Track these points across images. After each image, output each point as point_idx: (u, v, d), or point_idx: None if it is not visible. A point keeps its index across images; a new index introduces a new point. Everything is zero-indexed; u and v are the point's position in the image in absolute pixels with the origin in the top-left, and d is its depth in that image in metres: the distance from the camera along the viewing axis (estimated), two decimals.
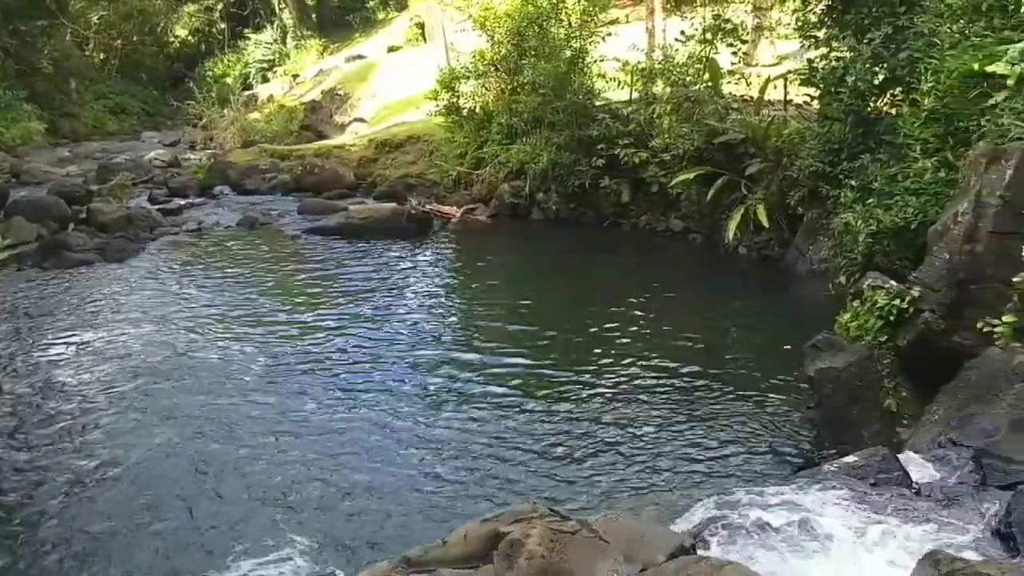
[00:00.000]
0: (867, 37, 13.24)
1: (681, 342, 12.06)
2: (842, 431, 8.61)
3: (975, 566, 2.98)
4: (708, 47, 18.76)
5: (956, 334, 8.11)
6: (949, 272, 8.22)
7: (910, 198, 10.81)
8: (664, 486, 8.07)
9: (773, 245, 16.71)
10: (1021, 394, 6.66)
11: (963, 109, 10.13)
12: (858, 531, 4.81)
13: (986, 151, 8.64)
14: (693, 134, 17.33)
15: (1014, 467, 5.68)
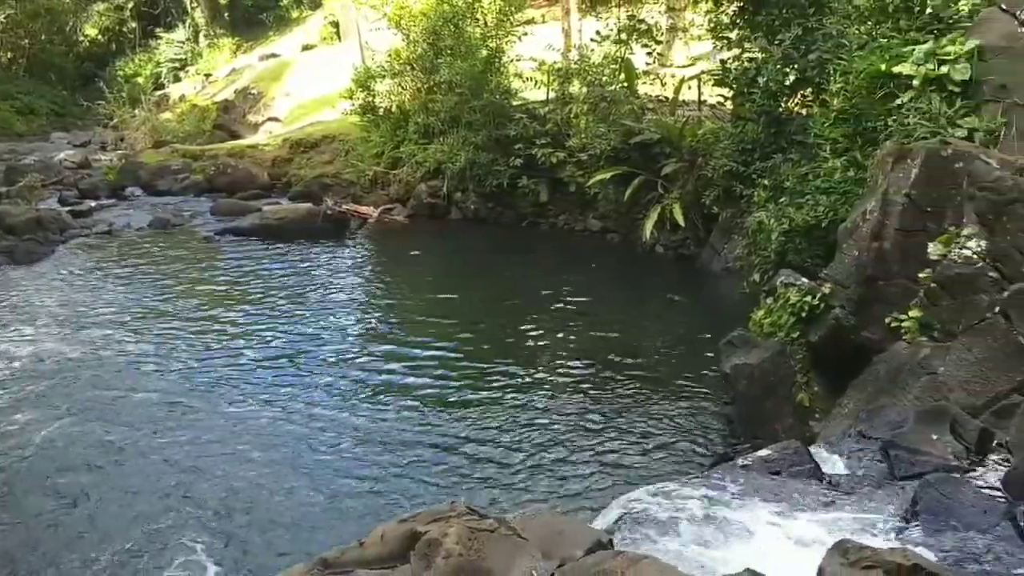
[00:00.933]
0: (778, 38, 13.50)
1: (600, 340, 12.09)
2: (757, 425, 8.73)
3: (881, 553, 3.00)
4: (623, 47, 18.92)
5: (865, 329, 8.26)
6: (858, 269, 8.38)
7: (821, 197, 11.01)
8: (583, 482, 8.07)
9: (689, 244, 16.92)
10: (926, 387, 6.82)
11: (871, 109, 10.36)
12: (770, 523, 4.86)
13: (892, 150, 8.85)
14: (610, 134, 17.43)
15: (920, 457, 5.80)
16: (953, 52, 9.86)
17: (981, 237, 7.66)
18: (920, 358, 7.14)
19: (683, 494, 5.16)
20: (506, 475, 8.25)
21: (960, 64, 9.78)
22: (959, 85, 9.76)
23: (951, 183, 8.06)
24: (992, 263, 7.50)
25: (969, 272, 7.50)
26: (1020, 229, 7.44)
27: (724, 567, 4.05)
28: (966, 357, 6.82)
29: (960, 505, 4.81)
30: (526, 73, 20.45)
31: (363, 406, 9.90)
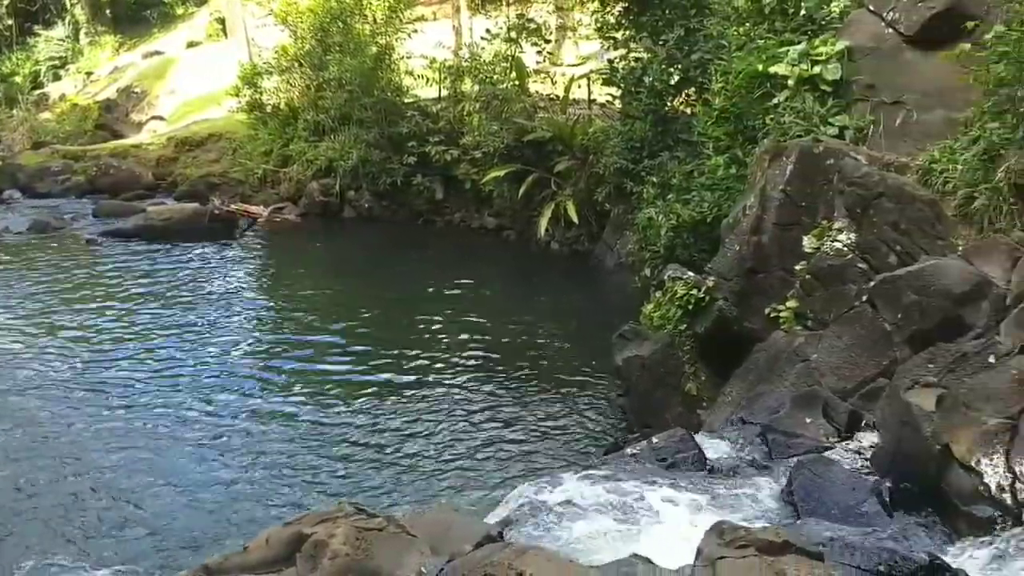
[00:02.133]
0: (662, 39, 13.86)
1: (496, 336, 12.20)
2: (648, 415, 8.98)
3: (755, 532, 3.18)
4: (513, 46, 19.08)
5: (747, 320, 8.61)
6: (739, 262, 8.72)
7: (706, 193, 11.37)
8: (478, 476, 8.17)
9: (583, 240, 17.21)
10: (801, 373, 7.19)
11: (750, 108, 10.75)
12: (656, 508, 5.06)
13: (769, 148, 9.24)
14: (502, 132, 17.58)
15: (795, 440, 6.13)
16: (825, 53, 10.34)
17: (850, 230, 8.09)
18: (795, 346, 7.50)
19: (575, 484, 5.31)
20: (400, 473, 8.27)
21: (831, 64, 10.27)
22: (831, 85, 10.25)
23: (823, 179, 8.48)
24: (860, 255, 7.94)
25: (840, 264, 7.92)
26: (885, 222, 7.89)
27: (612, 553, 4.20)
28: (837, 344, 7.20)
29: (831, 484, 5.11)
30: (417, 70, 20.40)
31: (251, 408, 9.76)
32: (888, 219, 7.90)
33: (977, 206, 7.74)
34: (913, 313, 6.83)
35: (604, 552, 4.31)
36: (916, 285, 6.86)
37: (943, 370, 5.40)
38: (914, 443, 4.88)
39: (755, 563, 3.03)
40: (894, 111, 9.76)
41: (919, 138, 9.32)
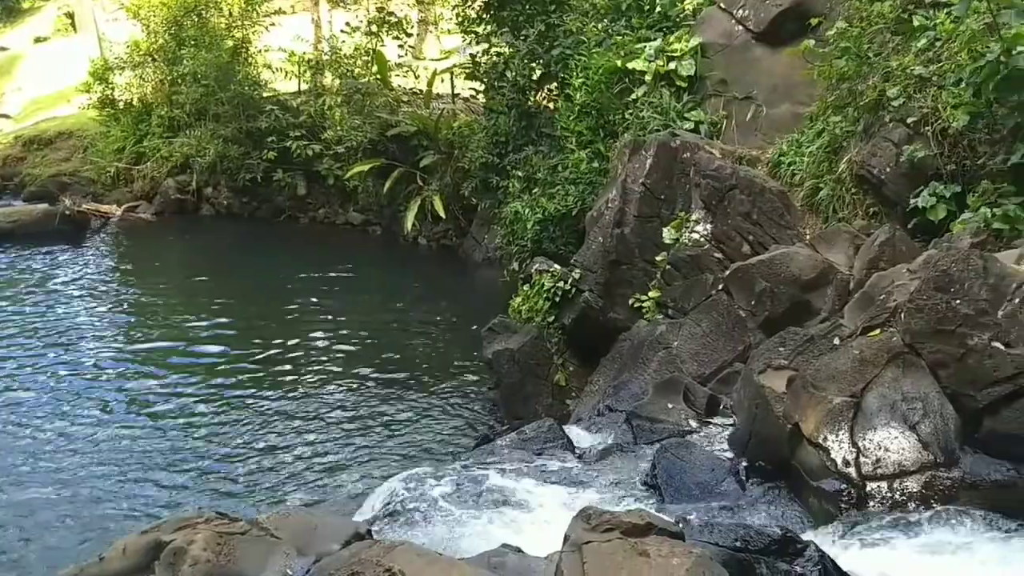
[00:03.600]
0: (523, 34, 13.94)
1: (365, 333, 12.03)
2: (519, 407, 9.06)
3: (619, 515, 3.24)
4: (374, 39, 18.87)
5: (612, 311, 8.81)
6: (603, 254, 8.89)
7: (570, 187, 11.52)
8: (348, 475, 8.02)
9: (451, 235, 17.20)
10: (663, 360, 7.40)
11: (610, 103, 10.97)
12: (525, 498, 5.11)
13: (629, 142, 9.48)
14: (366, 126, 17.36)
15: (658, 425, 6.30)
16: (679, 49, 10.68)
17: (707, 221, 8.40)
18: (657, 334, 7.71)
19: (444, 477, 5.29)
20: (265, 474, 8.03)
21: (686, 60, 10.62)
22: (686, 80, 10.60)
23: (680, 172, 8.76)
24: (716, 245, 8.25)
25: (697, 254, 8.20)
26: (739, 213, 8.22)
27: (482, 544, 4.19)
28: (696, 331, 7.45)
29: (692, 465, 5.27)
30: (276, 64, 19.92)
31: (104, 413, 9.27)
32: (741, 210, 8.22)
33: (822, 196, 8.16)
34: (765, 299, 7.14)
35: (475, 544, 4.30)
36: (767, 273, 7.17)
37: (793, 353, 5.64)
38: (767, 423, 5.08)
39: (619, 545, 3.09)
40: (745, 106, 10.19)
41: (769, 132, 9.76)
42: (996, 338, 4.53)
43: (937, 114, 7.11)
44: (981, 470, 4.44)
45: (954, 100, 6.85)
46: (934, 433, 4.51)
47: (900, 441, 4.56)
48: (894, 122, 7.49)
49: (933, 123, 7.14)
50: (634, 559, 3.02)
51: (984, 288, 4.65)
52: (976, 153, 6.96)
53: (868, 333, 5.14)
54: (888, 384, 4.71)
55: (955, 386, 4.60)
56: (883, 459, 4.57)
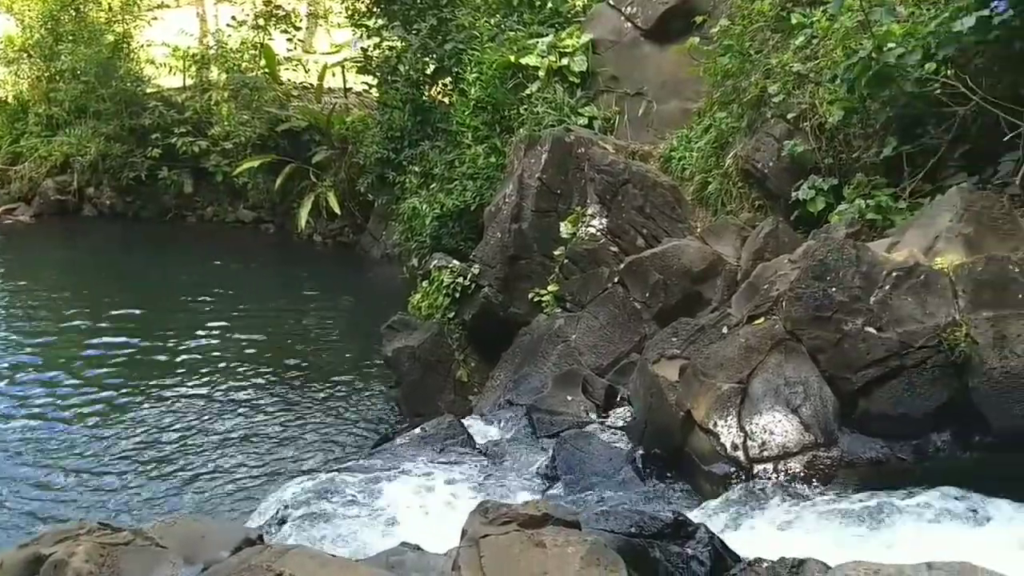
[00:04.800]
0: (414, 28, 13.88)
1: (260, 335, 11.77)
2: (421, 404, 9.02)
3: (516, 508, 3.30)
4: (262, 33, 18.51)
5: (512, 305, 8.88)
6: (502, 249, 8.96)
7: (468, 182, 11.56)
8: (242, 481, 7.83)
9: (347, 232, 17.01)
10: (562, 353, 7.52)
11: (505, 98, 11.04)
12: (424, 495, 5.13)
13: (524, 137, 9.56)
14: (254, 121, 17.03)
15: (557, 417, 6.42)
16: (571, 45, 10.85)
17: (602, 216, 8.56)
18: (556, 328, 7.83)
19: (341, 479, 5.26)
20: (154, 483, 7.77)
21: (578, 56, 10.79)
22: (578, 76, 10.77)
23: (576, 167, 8.89)
24: (612, 238, 8.42)
25: (594, 248, 8.35)
26: (632, 207, 8.40)
27: (381, 543, 4.20)
28: (593, 324, 7.59)
29: (591, 456, 5.39)
30: (159, 59, 19.31)
31: None
32: (635, 204, 8.41)
33: (711, 190, 8.42)
34: (659, 291, 7.33)
35: (373, 544, 4.30)
36: (660, 265, 7.37)
37: (685, 342, 5.84)
38: (661, 411, 5.24)
39: (516, 537, 3.14)
40: (637, 102, 10.42)
41: (660, 127, 10.01)
42: (869, 323, 4.79)
43: (815, 110, 7.43)
44: (857, 449, 4.70)
45: (830, 96, 7.16)
46: (814, 415, 4.74)
47: (784, 424, 4.78)
48: (775, 118, 7.80)
49: (811, 118, 7.46)
50: (530, 550, 3.07)
51: (857, 276, 4.91)
52: (851, 147, 7.30)
53: (753, 322, 5.36)
54: (772, 370, 4.93)
55: (832, 370, 4.84)
56: (768, 442, 4.78)
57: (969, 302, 4.73)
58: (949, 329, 4.65)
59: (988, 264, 4.79)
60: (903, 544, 3.91)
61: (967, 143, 6.55)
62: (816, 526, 4.24)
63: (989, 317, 4.63)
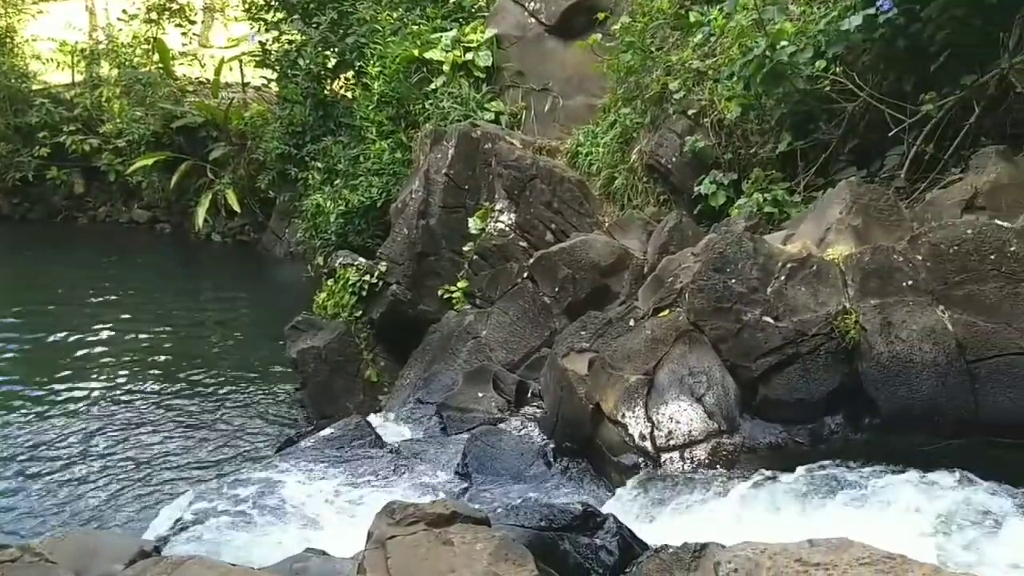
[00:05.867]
0: (314, 21, 13.66)
1: (160, 339, 11.40)
2: (329, 406, 8.89)
3: (423, 507, 3.29)
4: (155, 27, 17.96)
5: (421, 303, 8.86)
6: (409, 246, 8.92)
7: (373, 178, 11.44)
8: (141, 492, 7.52)
9: (248, 230, 16.66)
10: (472, 350, 7.53)
11: (409, 93, 10.98)
12: (330, 498, 5.08)
13: (430, 132, 9.53)
14: (148, 118, 16.49)
15: (469, 415, 6.45)
16: (475, 40, 10.85)
17: (510, 211, 8.61)
18: (466, 324, 7.84)
19: (243, 485, 5.14)
20: (46, 497, 7.39)
21: (483, 51, 10.80)
22: (483, 71, 10.78)
23: (483, 162, 8.92)
24: (521, 234, 8.48)
25: (503, 243, 8.41)
26: (540, 202, 8.48)
27: (284, 550, 4.12)
28: (503, 319, 7.63)
29: (502, 452, 5.42)
30: (46, 54, 18.49)
31: None
32: (542, 199, 8.49)
33: (617, 185, 8.55)
34: (568, 286, 7.41)
35: (277, 551, 4.21)
36: (569, 260, 7.45)
37: (593, 336, 5.92)
38: (571, 405, 5.31)
39: (424, 537, 3.12)
40: (543, 97, 10.50)
41: (566, 123, 10.11)
42: (766, 313, 4.95)
43: (714, 106, 7.63)
44: (758, 434, 4.86)
45: (728, 93, 7.36)
46: (717, 403, 4.88)
47: (688, 413, 4.91)
48: (677, 114, 7.97)
49: (711, 115, 7.66)
50: (438, 549, 3.07)
51: (755, 268, 5.07)
52: (749, 142, 7.53)
53: (659, 314, 5.48)
54: (677, 360, 5.05)
55: (734, 359, 4.99)
56: (674, 431, 4.90)
57: (858, 291, 4.94)
58: (840, 317, 4.84)
59: (874, 254, 5.00)
60: (796, 523, 4.07)
61: (856, 138, 6.84)
62: (719, 510, 4.37)
63: (876, 304, 4.84)
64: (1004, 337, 4.59)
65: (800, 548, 2.83)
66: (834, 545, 2.81)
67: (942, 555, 3.62)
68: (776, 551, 2.84)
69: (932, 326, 4.68)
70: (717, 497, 4.50)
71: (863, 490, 4.37)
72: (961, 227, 4.96)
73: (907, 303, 4.80)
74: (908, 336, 4.69)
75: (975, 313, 4.70)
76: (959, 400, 4.58)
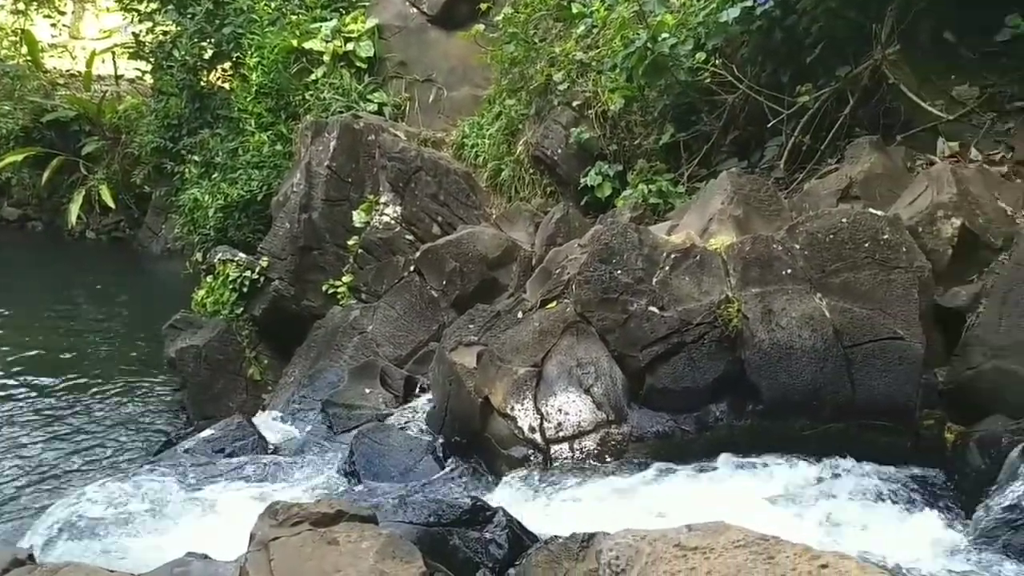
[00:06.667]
0: (189, 12, 13.16)
1: (31, 341, 10.73)
2: (210, 407, 8.56)
3: (308, 507, 3.20)
4: (22, 18, 17.03)
5: (305, 298, 8.63)
6: (292, 240, 8.68)
7: (253, 171, 11.11)
8: (15, 498, 7.10)
9: (124, 227, 16.04)
10: (359, 345, 7.39)
11: (289, 84, 10.69)
12: (211, 501, 4.90)
13: (311, 124, 9.31)
14: (17, 112, 15.66)
15: (356, 412, 6.29)
16: (356, 30, 10.64)
17: (396, 204, 8.48)
18: (352, 319, 7.68)
19: (120, 489, 4.90)
20: None
21: (364, 41, 10.60)
22: (365, 62, 10.58)
23: (366, 154, 8.76)
24: (407, 226, 8.36)
25: (388, 236, 8.28)
26: (426, 195, 8.38)
27: (165, 555, 3.93)
28: (390, 314, 7.50)
29: (390, 448, 5.30)
30: None
31: None
32: (428, 192, 8.39)
33: (504, 177, 8.53)
34: (455, 279, 7.35)
35: (157, 556, 4.01)
36: (456, 252, 7.39)
37: (482, 329, 5.87)
38: (460, 399, 5.24)
39: (308, 537, 3.05)
40: (427, 88, 10.38)
41: (451, 114, 10.03)
42: (652, 303, 4.98)
43: (598, 97, 7.68)
44: (645, 424, 4.88)
45: (611, 84, 7.42)
46: (605, 394, 4.89)
47: (577, 404, 4.89)
48: (561, 105, 8.00)
49: (595, 106, 7.71)
50: (323, 549, 2.99)
51: (640, 258, 5.10)
52: (633, 134, 7.62)
53: (546, 305, 5.46)
54: (565, 352, 5.03)
55: (621, 349, 5.00)
56: (564, 422, 4.88)
57: (740, 280, 5.01)
58: (723, 306, 4.91)
59: (755, 244, 5.09)
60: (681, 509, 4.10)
61: (737, 129, 7.00)
62: (607, 500, 4.38)
63: (757, 293, 4.93)
64: (878, 323, 4.74)
65: (679, 533, 2.85)
66: (711, 529, 2.83)
67: (814, 535, 3.70)
68: (655, 537, 2.86)
69: (810, 313, 4.79)
70: (605, 486, 4.50)
71: (744, 475, 4.44)
72: (837, 216, 5.10)
73: (787, 291, 4.90)
74: (788, 323, 4.79)
75: (851, 300, 4.83)
76: (837, 385, 4.70)
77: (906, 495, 4.30)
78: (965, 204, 5.18)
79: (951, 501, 4.31)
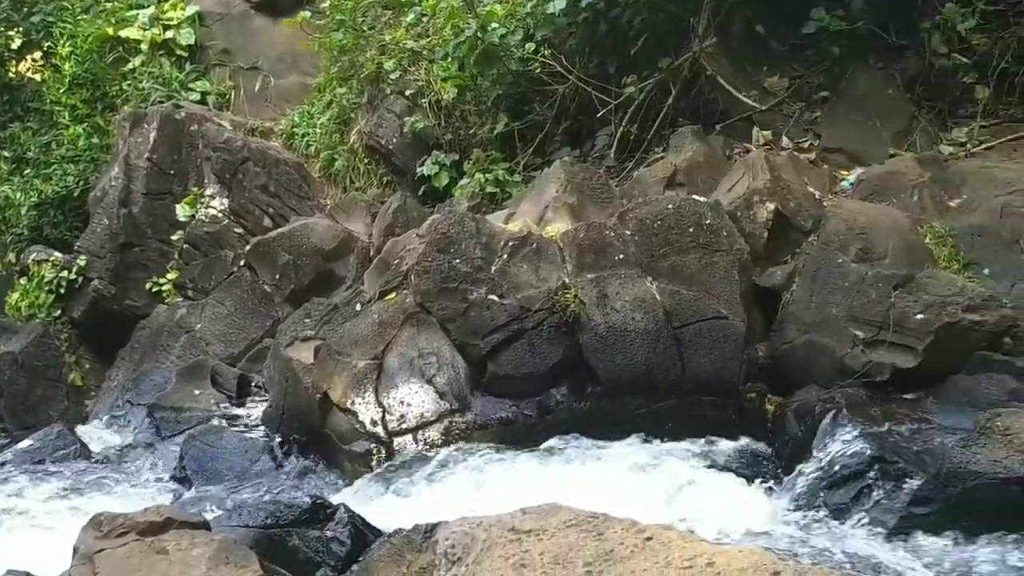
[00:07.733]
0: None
1: None
2: (28, 416, 8.02)
3: (134, 516, 3.06)
4: None
5: (127, 297, 8.16)
6: (111, 237, 8.20)
7: (69, 166, 10.47)
8: None
9: None
10: (186, 345, 7.09)
11: (105, 74, 10.13)
12: (31, 514, 4.61)
13: (129, 115, 8.84)
14: None
15: (185, 414, 6.04)
16: (176, 17, 10.17)
17: (223, 196, 8.16)
18: (178, 318, 7.36)
19: None
20: None
21: (184, 29, 10.13)
22: (186, 50, 10.12)
23: (189, 146, 8.40)
24: (235, 219, 8.06)
25: (216, 230, 7.96)
26: (255, 186, 8.10)
27: None
28: (220, 311, 7.23)
29: (224, 450, 5.13)
30: None
31: None
32: (257, 183, 8.12)
33: (338, 167, 8.37)
34: (289, 272, 7.16)
35: None
36: (289, 245, 7.20)
37: (319, 323, 5.74)
38: (297, 396, 5.12)
39: (135, 548, 2.92)
40: (252, 76, 10.03)
41: (280, 102, 9.75)
42: (491, 291, 5.03)
43: (431, 86, 7.65)
44: (489, 411, 4.94)
45: (443, 73, 7.41)
46: (448, 383, 4.90)
47: (420, 395, 4.89)
48: (394, 94, 7.93)
49: (428, 95, 7.67)
50: (151, 558, 2.88)
51: (478, 247, 5.14)
52: (468, 123, 7.63)
53: (385, 297, 5.40)
54: (406, 343, 5.01)
55: (462, 337, 5.03)
56: (407, 414, 4.86)
57: (575, 266, 5.14)
58: (560, 292, 5.01)
59: (588, 230, 5.23)
60: (524, 493, 4.16)
61: (568, 119, 7.15)
62: (451, 488, 4.40)
63: (592, 278, 5.07)
64: (704, 304, 4.98)
65: (513, 518, 2.90)
66: (544, 511, 2.90)
67: (651, 510, 3.85)
68: (491, 523, 2.89)
69: (642, 296, 4.98)
70: (450, 475, 4.53)
71: (586, 455, 4.56)
72: (663, 203, 5.31)
73: (620, 276, 5.07)
74: (622, 307, 4.95)
75: (679, 282, 5.06)
76: (668, 364, 4.92)
77: (734, 465, 4.55)
78: (778, 189, 5.51)
79: (774, 468, 4.58)
